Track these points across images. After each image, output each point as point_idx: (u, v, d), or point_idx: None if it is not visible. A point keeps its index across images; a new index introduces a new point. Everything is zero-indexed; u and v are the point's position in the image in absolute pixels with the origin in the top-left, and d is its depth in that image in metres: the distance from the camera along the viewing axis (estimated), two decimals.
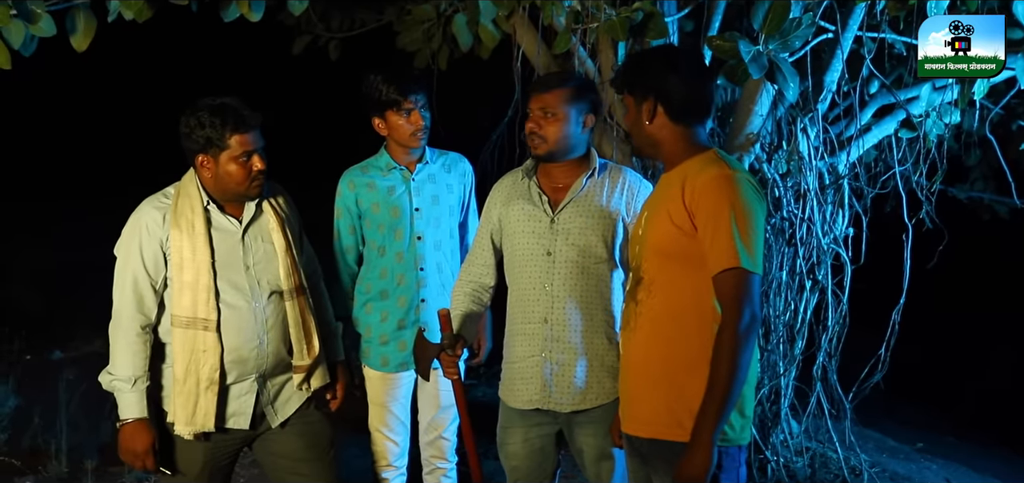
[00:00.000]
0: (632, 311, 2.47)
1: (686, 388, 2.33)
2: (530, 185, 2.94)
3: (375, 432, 3.46)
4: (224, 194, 2.81)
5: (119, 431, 2.80)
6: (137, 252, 2.76)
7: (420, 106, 3.28)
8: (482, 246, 3.06)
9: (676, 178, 2.40)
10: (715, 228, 2.27)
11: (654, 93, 2.43)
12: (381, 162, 3.40)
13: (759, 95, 3.81)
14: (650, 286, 2.41)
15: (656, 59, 2.52)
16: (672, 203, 2.36)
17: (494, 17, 4.07)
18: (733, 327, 2.24)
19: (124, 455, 2.81)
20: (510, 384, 2.96)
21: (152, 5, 3.28)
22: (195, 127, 2.74)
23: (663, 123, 2.44)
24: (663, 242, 2.38)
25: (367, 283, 3.40)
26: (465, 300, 3.06)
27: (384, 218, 3.34)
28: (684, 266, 2.35)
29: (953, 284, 5.81)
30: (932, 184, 4.05)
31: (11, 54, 3.13)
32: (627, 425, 2.53)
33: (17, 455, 4.53)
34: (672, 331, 2.37)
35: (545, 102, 2.83)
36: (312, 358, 2.92)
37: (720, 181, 2.31)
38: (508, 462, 3.02)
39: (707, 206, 2.29)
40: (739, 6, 4.04)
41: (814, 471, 4.30)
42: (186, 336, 2.74)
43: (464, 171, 3.48)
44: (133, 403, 2.76)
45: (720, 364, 2.24)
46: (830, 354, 4.21)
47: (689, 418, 2.30)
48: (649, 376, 2.41)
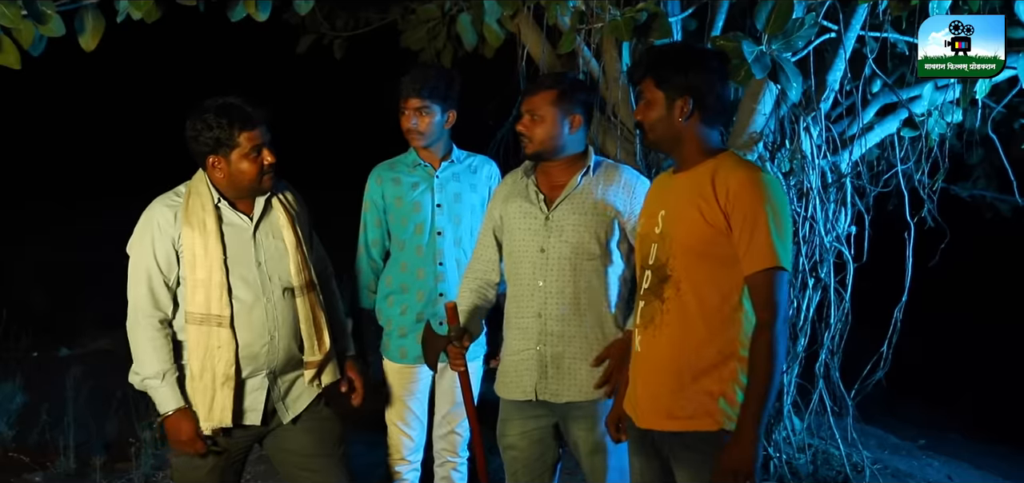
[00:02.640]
0: (657, 308, 2.47)
1: (715, 382, 2.40)
2: (528, 183, 3.00)
3: (391, 425, 3.51)
4: (238, 191, 2.84)
5: (163, 425, 2.83)
6: (150, 250, 2.78)
7: (415, 109, 3.32)
8: (485, 243, 3.13)
9: (703, 177, 2.41)
10: (753, 228, 2.31)
11: (693, 92, 2.44)
12: (409, 158, 3.47)
13: (762, 94, 3.83)
14: (678, 284, 2.43)
15: (694, 57, 2.51)
16: (704, 202, 2.38)
17: (499, 17, 4.10)
18: (773, 324, 2.31)
19: (174, 445, 2.84)
20: (504, 376, 3.04)
21: (160, 6, 3.31)
22: (203, 130, 2.75)
23: (694, 123, 2.46)
24: (696, 241, 2.39)
25: (388, 276, 3.47)
26: (470, 295, 3.12)
27: (406, 212, 3.40)
28: (715, 265, 2.38)
29: (955, 282, 5.83)
30: (934, 183, 4.07)
31: (20, 54, 3.16)
32: (646, 420, 2.53)
33: (25, 451, 4.57)
34: (702, 328, 2.40)
35: (532, 105, 2.92)
36: (323, 354, 2.95)
37: (756, 182, 2.35)
38: (507, 453, 3.08)
39: (744, 206, 2.33)
40: (742, 6, 4.05)
41: (816, 468, 4.32)
42: (201, 333, 2.77)
43: (490, 173, 3.53)
44: (169, 396, 2.78)
45: (762, 360, 2.31)
46: (832, 352, 4.24)
47: (721, 406, 2.39)
48: (678, 372, 2.43)
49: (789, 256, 2.35)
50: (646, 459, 2.60)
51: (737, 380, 2.39)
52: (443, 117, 3.36)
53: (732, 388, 2.39)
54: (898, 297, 4.05)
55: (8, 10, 3.00)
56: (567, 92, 2.91)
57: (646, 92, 2.51)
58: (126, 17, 3.32)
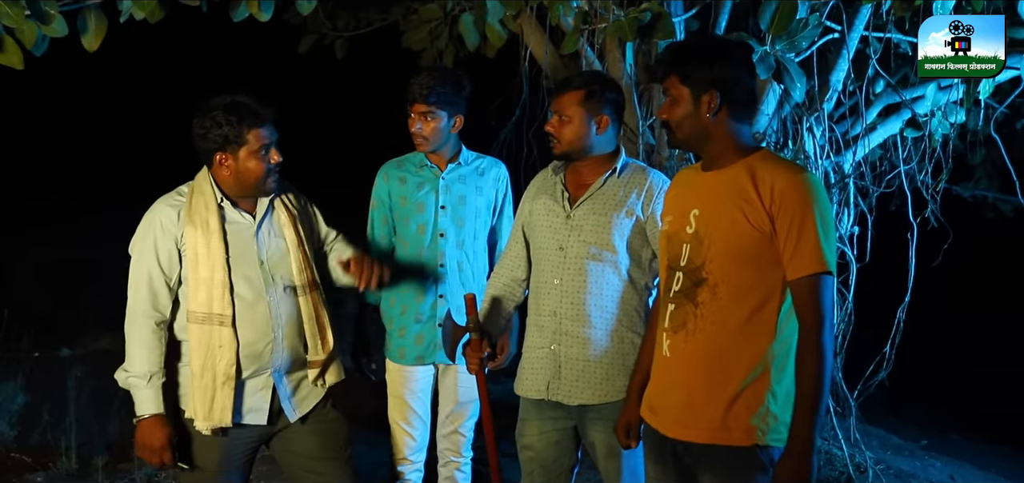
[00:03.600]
0: (690, 312, 2.36)
1: (749, 392, 2.30)
2: (557, 181, 3.00)
3: (393, 424, 3.50)
4: (243, 190, 2.84)
5: (136, 427, 2.81)
6: (152, 249, 2.78)
7: (420, 113, 3.31)
8: (515, 239, 3.13)
9: (741, 177, 2.31)
10: (801, 231, 2.21)
11: (719, 86, 2.33)
12: (417, 158, 3.47)
13: (765, 94, 3.83)
14: (715, 288, 2.32)
15: (719, 50, 2.41)
16: (747, 205, 2.27)
17: (501, 17, 4.09)
18: (821, 330, 2.21)
19: (141, 451, 2.82)
20: (521, 373, 3.03)
21: (163, 5, 3.30)
22: (211, 127, 2.75)
23: (723, 118, 2.35)
24: (739, 244, 2.29)
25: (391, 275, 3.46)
26: (494, 289, 3.12)
27: (410, 212, 3.41)
28: (758, 268, 2.28)
29: (957, 282, 5.83)
30: (937, 183, 4.07)
31: (23, 54, 3.16)
32: (675, 430, 2.42)
33: (26, 452, 4.56)
34: (739, 334, 2.30)
35: (560, 105, 2.90)
36: (326, 353, 2.95)
37: (803, 183, 2.24)
38: (524, 453, 3.05)
39: (791, 208, 2.22)
40: (745, 6, 4.06)
41: (819, 468, 4.31)
42: (202, 332, 2.77)
43: (498, 176, 3.52)
44: (149, 399, 2.77)
45: (811, 368, 2.21)
46: (835, 352, 4.23)
47: (753, 421, 2.28)
48: (711, 380, 2.33)
49: (835, 260, 2.24)
50: (663, 468, 2.50)
51: (770, 390, 2.29)
52: (450, 122, 3.34)
53: (765, 399, 2.29)
54: (901, 297, 4.05)
55: (11, 10, 2.99)
56: (595, 92, 2.88)
57: (671, 89, 2.41)
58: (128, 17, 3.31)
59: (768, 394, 2.29)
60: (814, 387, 2.21)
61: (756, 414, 2.29)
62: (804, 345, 2.23)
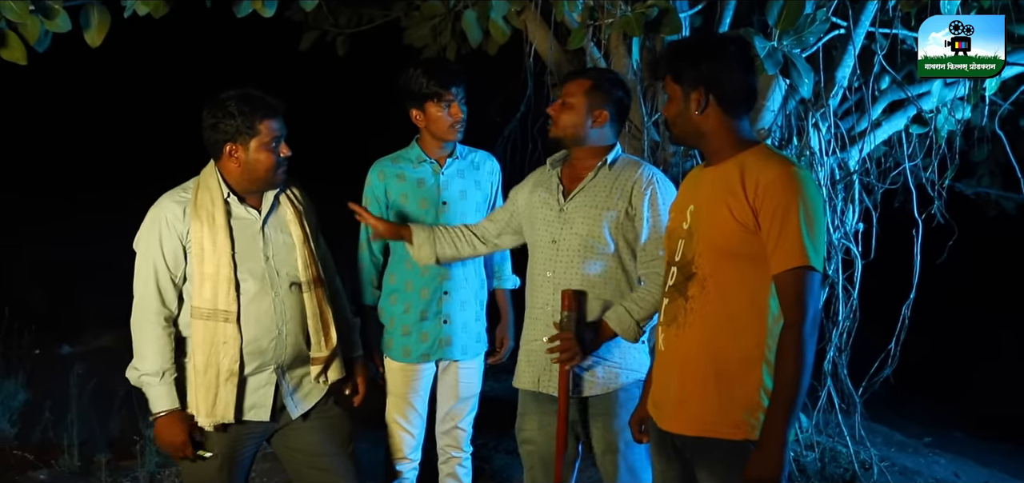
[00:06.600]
0: (681, 307, 2.39)
1: (740, 386, 2.30)
2: (553, 175, 3.02)
3: (392, 423, 3.47)
4: (251, 184, 2.83)
5: (154, 425, 2.80)
6: (157, 245, 2.77)
7: (459, 99, 3.29)
8: (498, 213, 3.19)
9: (731, 172, 2.32)
10: (783, 225, 2.21)
11: (706, 83, 2.35)
12: (412, 154, 3.42)
13: (771, 90, 3.81)
14: (704, 282, 2.34)
15: (708, 48, 2.43)
16: (733, 199, 2.28)
17: (505, 13, 4.07)
18: (801, 326, 2.20)
19: (163, 447, 2.82)
20: (518, 366, 3.05)
21: (167, 1, 3.29)
22: (223, 117, 2.75)
23: (713, 113, 2.37)
24: (724, 239, 2.30)
25: (392, 273, 3.43)
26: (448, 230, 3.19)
27: (412, 209, 3.36)
28: (743, 263, 2.29)
29: (962, 279, 5.82)
30: (943, 180, 4.06)
31: (26, 50, 3.14)
32: (670, 423, 2.45)
33: (28, 449, 4.55)
34: (727, 329, 2.32)
35: (567, 90, 2.95)
36: (329, 350, 2.94)
37: (787, 177, 2.24)
38: (524, 447, 3.07)
39: (774, 203, 2.23)
40: (750, 2, 4.04)
41: (824, 465, 4.31)
42: (207, 328, 2.76)
43: (492, 169, 3.51)
44: (164, 395, 2.77)
45: (789, 363, 2.21)
46: (840, 349, 4.22)
47: (744, 416, 2.29)
48: (702, 374, 2.35)
49: (821, 256, 2.23)
50: (667, 461, 2.53)
51: (763, 386, 2.29)
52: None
53: (758, 394, 2.29)
54: (906, 294, 4.04)
55: (15, 5, 2.98)
56: (602, 87, 2.92)
57: (667, 88, 2.46)
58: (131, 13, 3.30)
59: (760, 390, 2.30)
60: (790, 383, 2.20)
61: (747, 409, 2.30)
62: (784, 340, 2.24)
